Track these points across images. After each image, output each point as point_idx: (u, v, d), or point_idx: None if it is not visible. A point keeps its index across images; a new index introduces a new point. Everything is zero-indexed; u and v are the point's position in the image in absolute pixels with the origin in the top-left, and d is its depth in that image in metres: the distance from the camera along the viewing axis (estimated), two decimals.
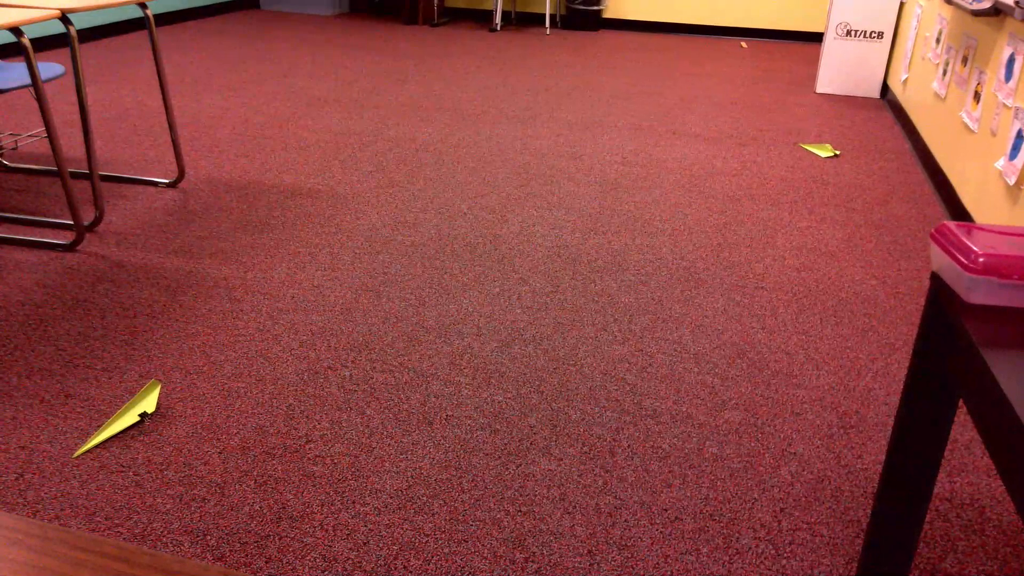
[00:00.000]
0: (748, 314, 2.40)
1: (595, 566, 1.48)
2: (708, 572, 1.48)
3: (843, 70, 5.09)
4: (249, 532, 1.53)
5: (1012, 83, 2.74)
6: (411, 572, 1.46)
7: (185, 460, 1.72)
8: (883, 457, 1.79)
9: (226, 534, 1.53)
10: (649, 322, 2.33)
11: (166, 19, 6.73)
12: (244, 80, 4.97)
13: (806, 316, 2.40)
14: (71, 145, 3.68)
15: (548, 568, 1.47)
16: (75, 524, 1.55)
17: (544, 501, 1.64)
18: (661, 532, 1.57)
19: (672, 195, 3.32)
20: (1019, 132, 2.60)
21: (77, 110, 4.19)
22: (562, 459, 1.76)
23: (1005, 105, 2.78)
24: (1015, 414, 0.79)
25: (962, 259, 1.00)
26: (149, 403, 1.89)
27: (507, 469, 1.72)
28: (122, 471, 1.68)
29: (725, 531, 1.58)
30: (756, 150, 3.94)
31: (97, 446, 1.75)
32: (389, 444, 1.79)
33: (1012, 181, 2.59)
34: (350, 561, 1.47)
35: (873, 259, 2.79)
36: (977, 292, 0.99)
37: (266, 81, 4.97)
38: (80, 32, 5.89)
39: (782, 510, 1.63)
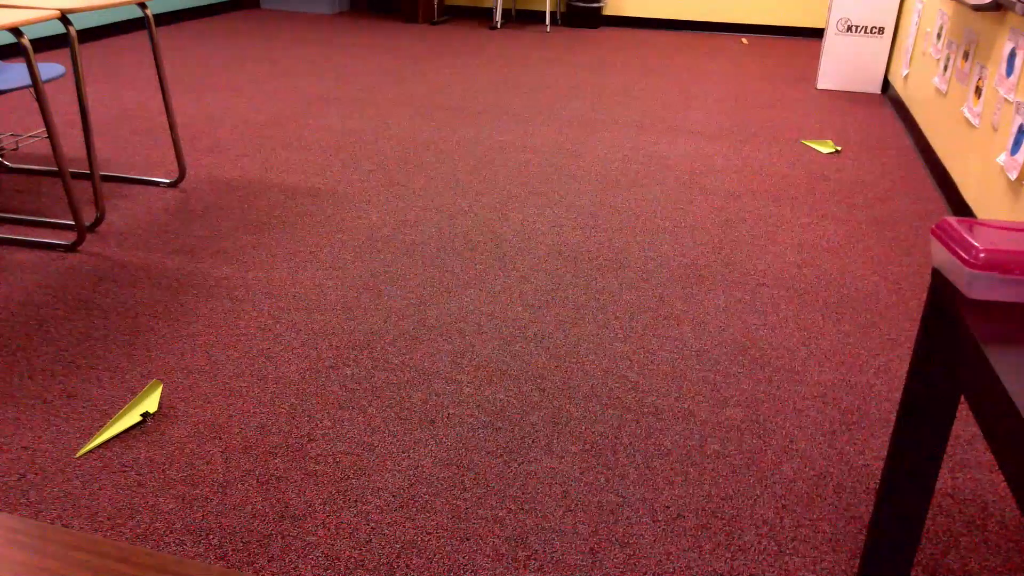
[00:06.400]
0: (749, 311, 2.40)
1: (597, 564, 1.48)
2: (710, 569, 1.48)
3: (844, 66, 5.08)
4: (251, 531, 1.53)
5: (1013, 78, 2.73)
6: (413, 570, 1.46)
7: (187, 460, 1.72)
8: (885, 453, 1.79)
9: (228, 533, 1.53)
10: (650, 319, 2.33)
11: (166, 19, 6.73)
12: (244, 80, 4.97)
13: (807, 312, 2.40)
14: (72, 145, 3.68)
15: (550, 566, 1.47)
16: (77, 524, 1.55)
17: (546, 499, 1.64)
18: (663, 529, 1.57)
19: (673, 192, 3.31)
20: (1020, 127, 2.60)
21: (77, 110, 4.20)
22: (564, 457, 1.76)
23: (1006, 100, 2.77)
24: (1016, 409, 0.79)
25: (963, 254, 1.00)
26: (151, 403, 1.89)
27: (509, 467, 1.72)
28: (124, 471, 1.68)
29: (727, 528, 1.58)
30: (757, 146, 3.94)
31: (99, 446, 1.75)
32: (391, 442, 1.79)
33: (1013, 176, 2.59)
34: (352, 560, 1.47)
35: (874, 255, 2.79)
36: (978, 287, 0.99)
37: (266, 80, 4.97)
38: (80, 32, 5.89)
39: (784, 507, 1.63)
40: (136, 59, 5.43)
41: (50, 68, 2.92)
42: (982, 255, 0.98)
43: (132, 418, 1.84)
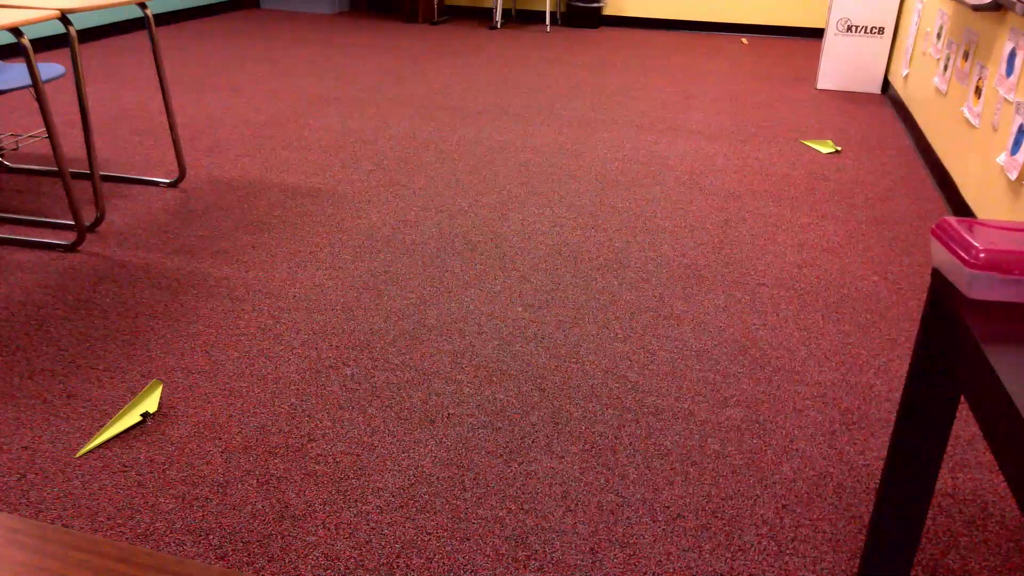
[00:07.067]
0: (749, 311, 2.40)
1: (597, 564, 1.48)
2: (711, 569, 1.48)
3: (844, 66, 5.08)
4: (251, 531, 1.53)
5: (1013, 78, 2.73)
6: (413, 571, 1.46)
7: (187, 460, 1.72)
8: (885, 453, 1.79)
9: (228, 533, 1.53)
10: (650, 319, 2.33)
11: (166, 19, 6.73)
12: (244, 79, 4.97)
13: (807, 312, 2.40)
14: (72, 145, 3.68)
15: (550, 566, 1.47)
16: (77, 524, 1.55)
17: (546, 499, 1.64)
18: (663, 529, 1.57)
19: (673, 192, 3.31)
20: (1020, 127, 2.60)
21: (77, 110, 4.20)
22: (564, 457, 1.76)
23: (1006, 100, 2.77)
24: (1016, 409, 0.79)
25: (963, 254, 1.00)
26: (151, 403, 1.89)
27: (509, 467, 1.72)
28: (124, 471, 1.68)
29: (727, 528, 1.58)
30: (757, 146, 3.94)
31: (99, 446, 1.75)
32: (391, 442, 1.79)
33: (1013, 176, 2.59)
34: (352, 560, 1.47)
35: (874, 255, 2.79)
36: (978, 287, 0.99)
37: (266, 80, 4.97)
38: (80, 32, 5.89)
39: (784, 507, 1.63)
40: (136, 59, 5.43)
41: (50, 68, 2.92)
42: (982, 255, 0.98)
43: (132, 418, 1.84)
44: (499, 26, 7.17)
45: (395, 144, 3.82)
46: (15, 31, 2.33)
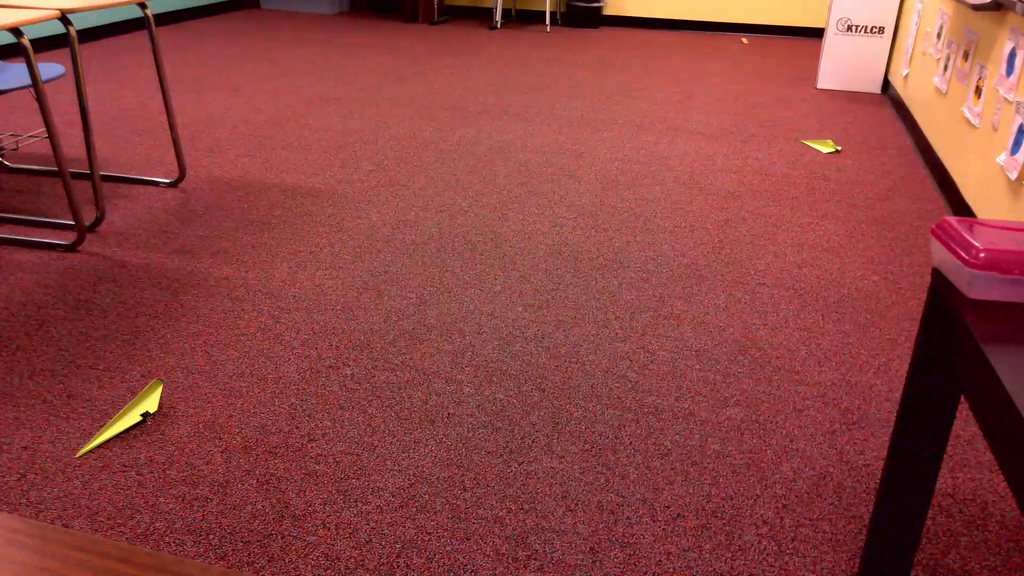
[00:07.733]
0: (750, 311, 2.40)
1: (597, 563, 1.48)
2: (710, 569, 1.48)
3: (844, 65, 5.08)
4: (251, 531, 1.53)
5: (1013, 78, 2.73)
6: (413, 570, 1.46)
7: (187, 459, 1.72)
8: (885, 453, 1.79)
9: (228, 533, 1.53)
10: (650, 319, 2.33)
11: (166, 19, 6.73)
12: (244, 79, 4.97)
13: (808, 312, 2.40)
14: (72, 145, 3.68)
15: (550, 566, 1.47)
16: (77, 524, 1.55)
17: (546, 499, 1.64)
18: (663, 529, 1.57)
19: (673, 192, 3.31)
20: (1020, 127, 2.60)
21: (77, 110, 4.20)
22: (564, 457, 1.76)
23: (1006, 100, 2.77)
24: (1016, 409, 0.79)
25: (963, 254, 1.00)
26: (151, 403, 1.89)
27: (509, 467, 1.72)
28: (124, 471, 1.68)
29: (727, 528, 1.58)
30: (757, 146, 3.94)
31: (99, 446, 1.75)
32: (391, 442, 1.79)
33: (1013, 176, 2.59)
34: (352, 560, 1.48)
35: (874, 255, 2.79)
36: (978, 287, 0.99)
37: (266, 80, 4.97)
38: (80, 32, 5.89)
39: (784, 506, 1.63)
40: (136, 59, 5.43)
41: (50, 68, 2.92)
42: (982, 255, 0.98)
43: (132, 418, 1.84)
44: (499, 26, 7.17)
45: (395, 144, 3.82)
46: (15, 31, 2.33)
